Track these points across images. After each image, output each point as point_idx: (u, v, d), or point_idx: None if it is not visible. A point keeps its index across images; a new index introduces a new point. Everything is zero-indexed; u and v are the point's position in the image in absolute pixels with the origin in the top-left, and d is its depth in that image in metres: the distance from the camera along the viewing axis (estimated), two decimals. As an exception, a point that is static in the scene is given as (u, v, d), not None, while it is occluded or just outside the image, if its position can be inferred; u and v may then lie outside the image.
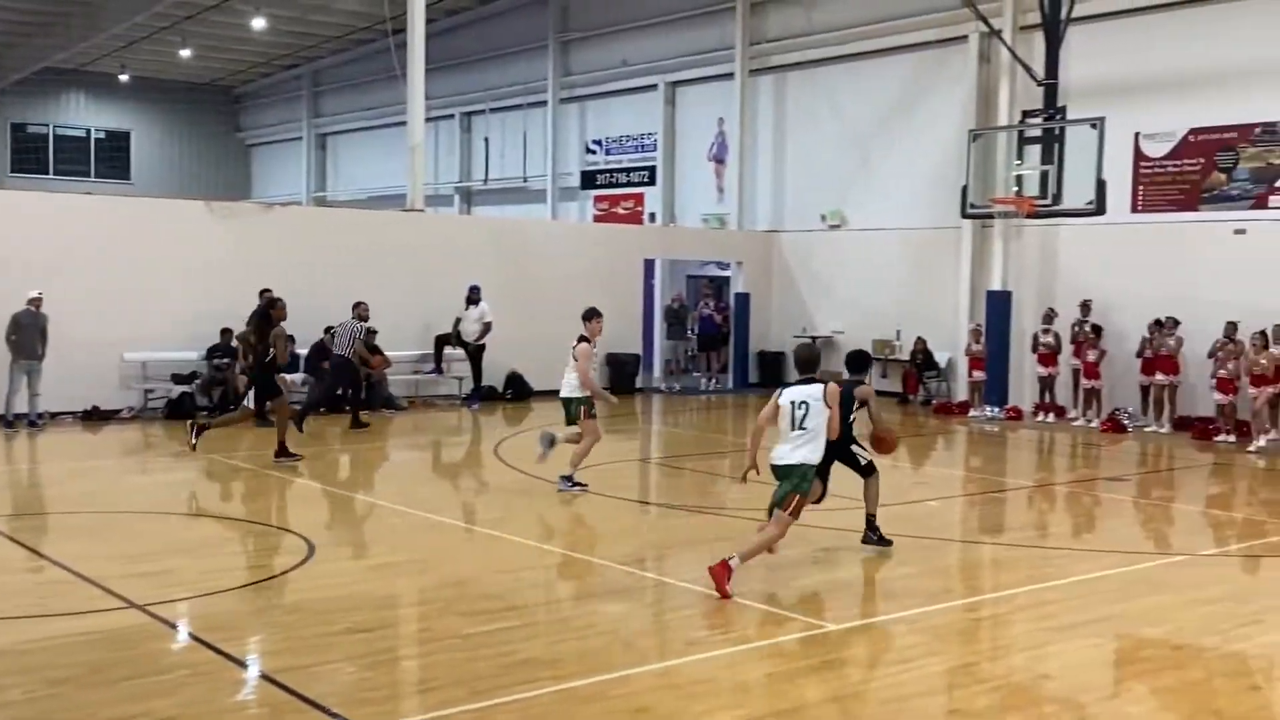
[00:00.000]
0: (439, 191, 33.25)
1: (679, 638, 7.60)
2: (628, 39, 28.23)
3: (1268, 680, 7.05)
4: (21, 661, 6.68)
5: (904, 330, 22.58)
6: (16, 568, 9.15)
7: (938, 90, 22.13)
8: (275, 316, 14.18)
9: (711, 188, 26.82)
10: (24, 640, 7.06)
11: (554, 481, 12.52)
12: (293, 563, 9.02)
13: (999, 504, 13.10)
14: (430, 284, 20.44)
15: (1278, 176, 17.88)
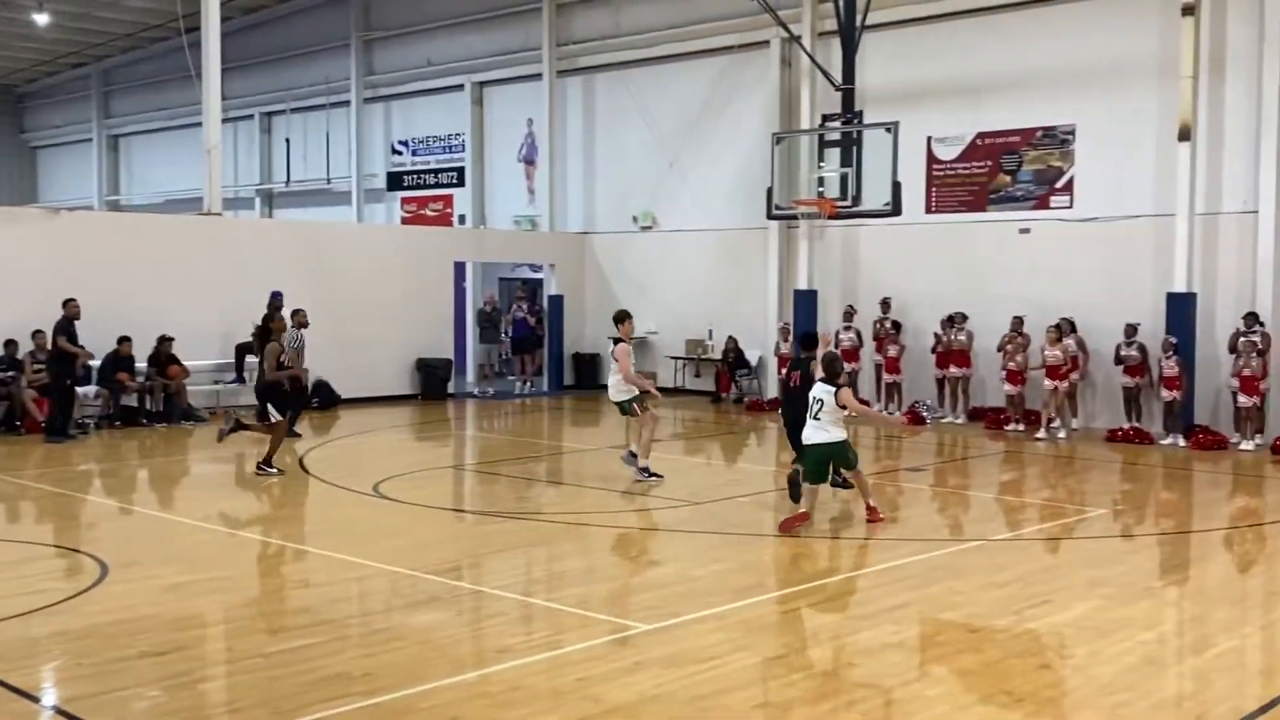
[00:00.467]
0: (239, 194, 32.24)
1: (491, 645, 7.54)
2: (433, 38, 27.90)
3: (1057, 658, 7.41)
4: None
5: (715, 330, 22.98)
6: None
7: (742, 94, 22.59)
8: (274, 329, 14.08)
9: (522, 189, 26.75)
10: None
11: (361, 491, 12.24)
12: (83, 585, 8.57)
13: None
14: (231, 290, 19.75)
15: (1058, 178, 18.89)
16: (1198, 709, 6.44)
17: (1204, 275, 17.51)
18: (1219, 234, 17.46)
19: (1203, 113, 17.35)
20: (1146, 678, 6.89)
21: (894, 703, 6.50)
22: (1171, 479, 14.85)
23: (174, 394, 18.54)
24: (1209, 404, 17.44)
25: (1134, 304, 17.77)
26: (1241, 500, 13.54)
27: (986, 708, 6.35)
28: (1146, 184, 17.99)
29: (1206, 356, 17.32)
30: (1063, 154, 18.82)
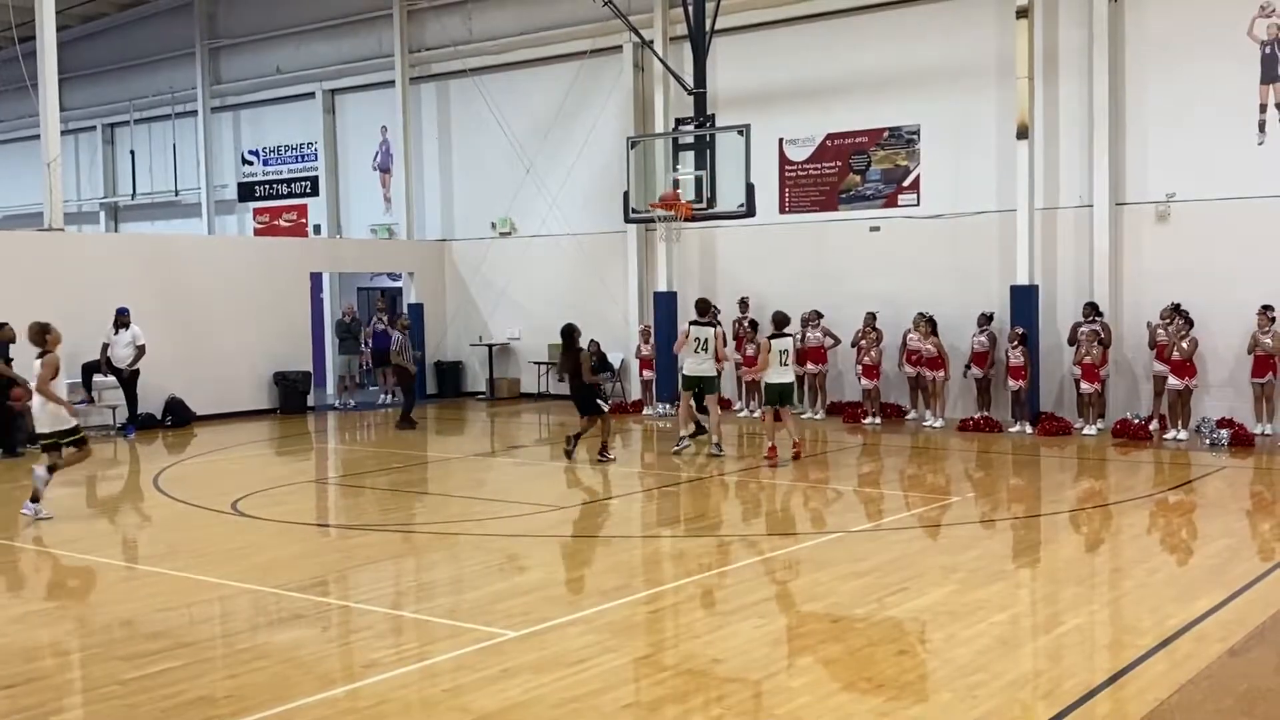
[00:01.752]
0: (82, 209, 31.13)
1: (358, 660, 7.45)
2: (282, 45, 27.36)
3: (915, 643, 7.65)
4: None
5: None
6: None
7: (597, 98, 22.70)
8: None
9: (378, 198, 26.43)
10: None
11: (220, 509, 11.94)
12: (-77, 622, 8.19)
13: (674, 498, 13.57)
14: (75, 308, 18.97)
15: (904, 176, 19.46)
16: (1049, 685, 6.72)
17: (1044, 268, 18.24)
18: (1057, 228, 18.22)
19: (1039, 112, 18.09)
20: (1000, 658, 7.16)
21: (760, 695, 6.63)
22: (1020, 465, 15.43)
23: (16, 416, 17.77)
24: (1053, 392, 18.18)
25: (981, 297, 18.43)
26: (1086, 483, 14.15)
27: (848, 695, 6.53)
28: (989, 181, 18.67)
29: (1050, 346, 18.07)
30: (909, 153, 19.41)
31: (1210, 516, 11.78)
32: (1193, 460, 15.03)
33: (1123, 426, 16.76)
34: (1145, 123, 17.48)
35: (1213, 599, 8.35)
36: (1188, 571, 9.65)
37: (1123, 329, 17.55)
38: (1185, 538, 11.15)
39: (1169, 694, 6.42)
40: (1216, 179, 16.91)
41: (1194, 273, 16.93)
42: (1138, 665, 6.96)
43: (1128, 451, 15.83)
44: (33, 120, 22.60)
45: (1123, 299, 17.66)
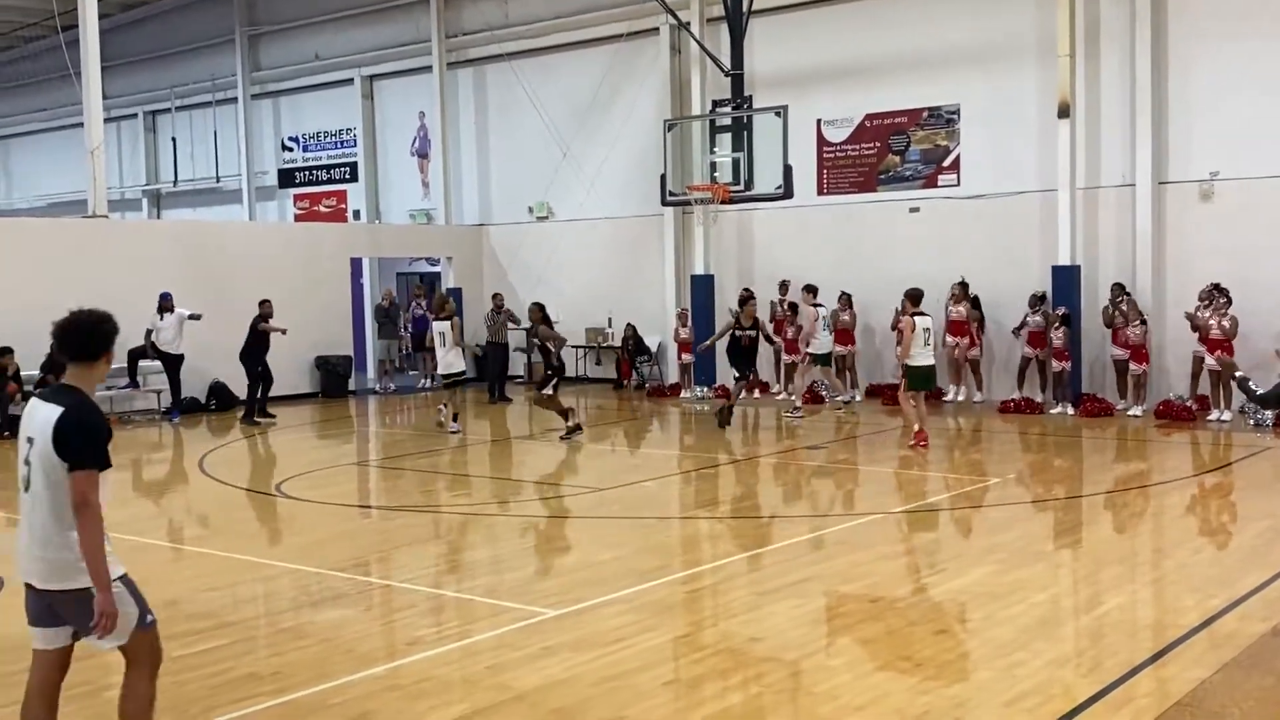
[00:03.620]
0: (125, 196, 31.48)
1: (401, 638, 7.54)
2: (320, 32, 27.51)
3: (954, 623, 7.65)
4: None
5: (615, 317, 23.07)
6: None
7: (633, 81, 22.67)
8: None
9: (416, 183, 26.55)
10: None
11: (264, 491, 12.06)
12: (-24, 601, 8.36)
13: (711, 480, 13.60)
14: (119, 294, 19.08)
15: (944, 157, 19.32)
16: (1090, 664, 6.70)
17: (1086, 248, 18.07)
18: (1099, 208, 18.04)
19: (1080, 90, 17.89)
20: (1040, 637, 7.14)
21: (798, 674, 6.66)
22: (1062, 446, 15.33)
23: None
24: (1095, 373, 18.02)
25: (1022, 278, 18.28)
26: (1128, 464, 14.05)
27: (887, 674, 6.55)
28: (1029, 160, 18.50)
29: (1091, 327, 17.91)
30: (948, 133, 19.26)
31: (1253, 497, 11.67)
32: (1236, 441, 14.88)
33: (1165, 408, 16.60)
34: (1189, 100, 17.26)
35: (1256, 579, 8.28)
36: (1230, 552, 9.58)
37: (1166, 309, 17.36)
38: (1228, 518, 11.06)
39: (1210, 673, 6.39)
40: (1261, 157, 16.67)
41: (1237, 252, 16.71)
42: (1179, 645, 6.92)
43: (1170, 433, 15.69)
44: (76, 108, 22.88)
45: (1166, 279, 17.46)
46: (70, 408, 4.73)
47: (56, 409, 4.73)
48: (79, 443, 4.69)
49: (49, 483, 4.73)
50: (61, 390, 4.84)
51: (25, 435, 4.81)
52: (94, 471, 4.71)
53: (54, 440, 4.67)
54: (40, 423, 4.74)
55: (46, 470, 4.72)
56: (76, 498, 4.67)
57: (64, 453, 4.68)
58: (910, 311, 14.46)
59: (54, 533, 4.74)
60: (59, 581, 4.79)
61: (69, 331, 4.85)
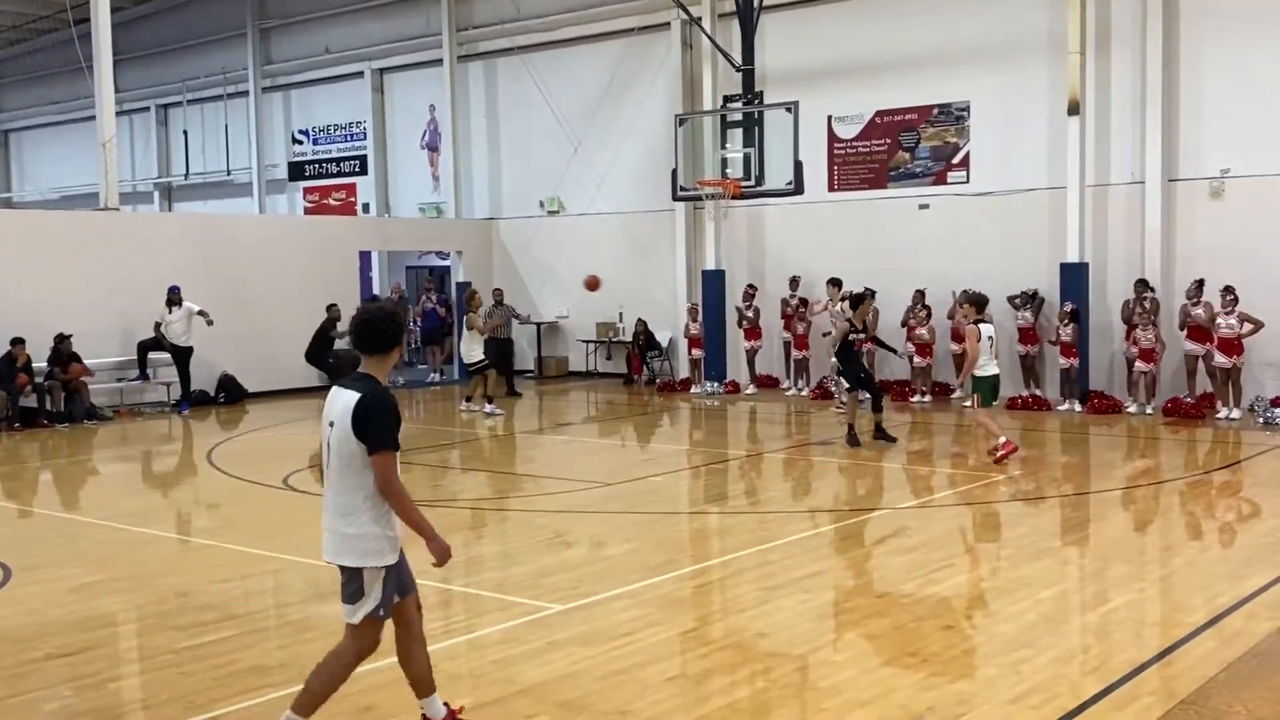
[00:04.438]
0: (137, 188, 31.56)
1: (407, 631, 7.54)
2: (331, 25, 27.54)
3: (960, 619, 7.64)
4: None
5: (625, 312, 23.07)
6: None
7: (645, 76, 22.66)
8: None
9: (426, 177, 26.57)
10: None
11: (271, 484, 12.12)
12: (-14, 591, 8.41)
13: (721, 474, 13.60)
14: (131, 287, 19.37)
15: (954, 154, 19.28)
16: (1096, 661, 6.69)
17: (1095, 245, 18.02)
18: (1109, 205, 17.99)
19: (1090, 87, 17.84)
20: (1046, 634, 7.14)
21: (804, 669, 6.66)
22: (1069, 443, 15.30)
23: (75, 393, 18.16)
24: (1103, 370, 17.98)
25: (1030, 275, 18.25)
26: (1136, 461, 14.01)
27: (893, 669, 6.54)
28: (1039, 157, 18.45)
29: (1099, 324, 17.86)
30: (958, 130, 19.22)
31: (1262, 495, 11.64)
32: (1245, 440, 14.83)
33: (1174, 405, 16.56)
34: (1199, 97, 17.20)
35: (1263, 577, 8.26)
36: (1238, 550, 9.55)
37: (1174, 307, 17.30)
38: (1235, 516, 11.03)
39: (1217, 671, 6.38)
40: (1272, 155, 16.61)
41: (1248, 250, 16.66)
42: (1186, 642, 6.91)
43: (1179, 430, 15.65)
44: (88, 101, 22.95)
45: (1175, 277, 17.41)
46: (367, 394, 5.10)
47: (355, 395, 5.11)
48: (375, 426, 5.08)
49: (345, 464, 5.14)
50: (360, 378, 5.19)
51: (326, 420, 5.21)
52: (393, 453, 5.11)
53: (353, 424, 5.06)
54: (340, 408, 5.12)
55: (343, 453, 5.13)
56: (380, 480, 5.10)
57: (362, 436, 5.07)
58: (974, 319, 13.27)
59: (344, 511, 5.16)
60: (338, 557, 5.25)
61: (365, 326, 5.22)
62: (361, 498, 5.13)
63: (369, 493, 5.13)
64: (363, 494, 5.13)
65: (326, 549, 5.30)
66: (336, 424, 5.14)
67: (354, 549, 5.20)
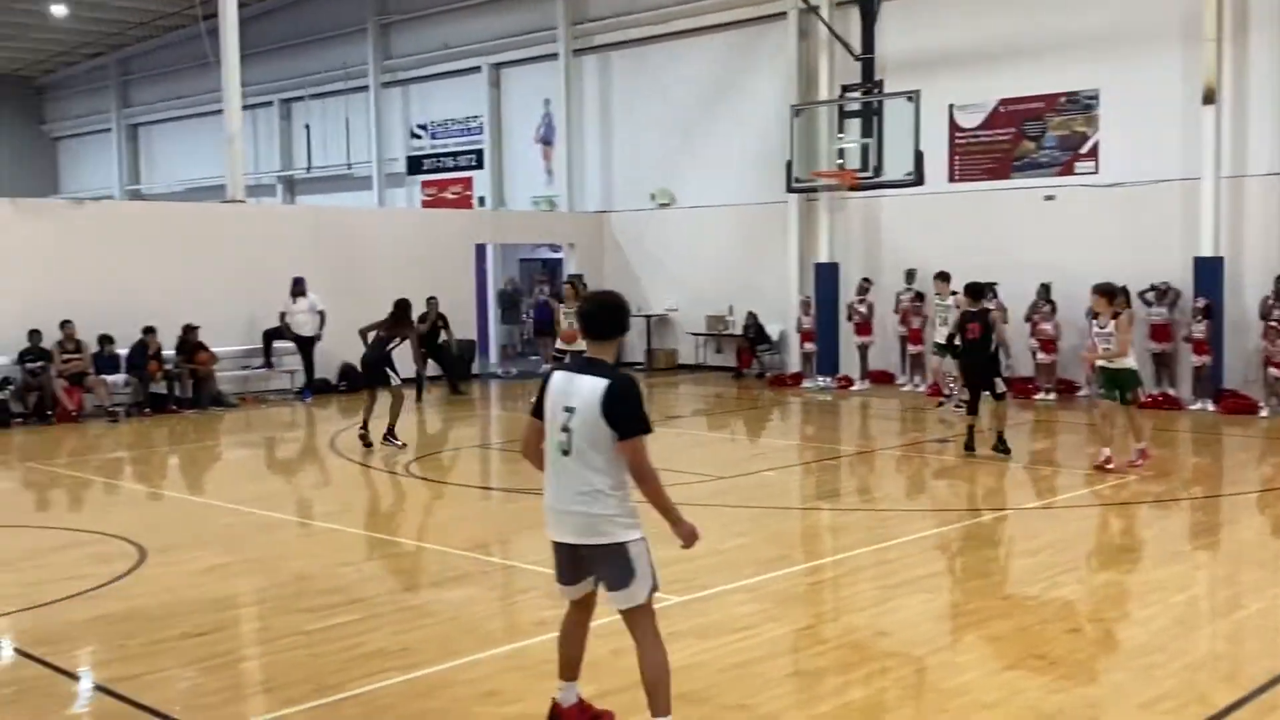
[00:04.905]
0: (260, 181, 32.34)
1: (526, 619, 7.61)
2: (449, 20, 27.89)
3: (1088, 622, 7.43)
4: None
5: (736, 305, 22.96)
6: None
7: (759, 66, 22.49)
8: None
9: (540, 170, 26.76)
10: None
11: (393, 471, 12.32)
12: (122, 569, 8.69)
13: (834, 470, 13.46)
14: (255, 277, 19.87)
15: (1082, 143, 18.77)
16: (1230, 668, 6.47)
17: (1231, 239, 17.39)
18: (1245, 197, 17.33)
19: (1227, 75, 17.19)
20: (1178, 639, 6.91)
21: (925, 670, 6.55)
22: (1202, 444, 14.80)
23: (202, 380, 18.71)
24: (1238, 369, 17.33)
25: (1161, 269, 17.67)
26: (1272, 463, 13.49)
27: (1018, 672, 6.39)
28: (1172, 147, 17.83)
29: (1235, 321, 17.22)
30: (1087, 119, 18.70)
31: None
32: (1390, 442, 14.20)
33: (1312, 406, 15.91)
34: (1343, 84, 16.48)
35: None
36: (1385, 558, 9.13)
37: (1314, 303, 16.61)
38: (1382, 523, 10.56)
39: (1364, 683, 6.11)
40: None
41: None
42: (1330, 653, 6.63)
43: (1318, 432, 15.04)
44: (214, 96, 23.58)
45: (1315, 272, 16.73)
46: (616, 380, 5.15)
47: (601, 380, 5.15)
48: (628, 412, 5.13)
49: (590, 447, 5.15)
50: (593, 363, 5.26)
51: (562, 404, 5.20)
52: (644, 437, 5.17)
53: (603, 410, 5.09)
54: (585, 393, 5.14)
55: (591, 437, 5.14)
56: (634, 464, 5.17)
57: (614, 421, 5.11)
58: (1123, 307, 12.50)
59: (595, 493, 5.18)
60: (593, 537, 5.25)
61: (599, 312, 5.33)
62: (607, 480, 5.18)
63: (613, 474, 5.18)
64: (607, 476, 5.18)
65: (567, 530, 5.31)
66: (580, 408, 5.14)
67: (612, 526, 5.22)
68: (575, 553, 5.35)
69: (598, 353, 5.31)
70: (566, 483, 5.26)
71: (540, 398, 5.36)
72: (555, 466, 5.30)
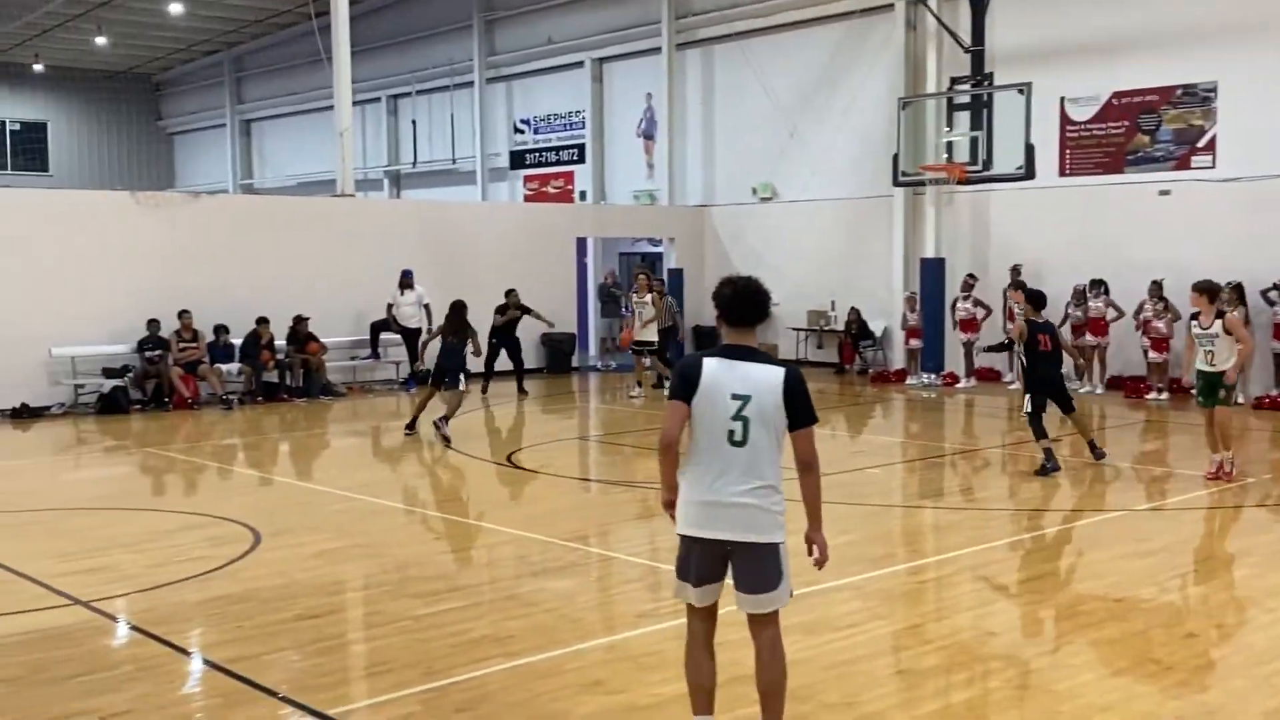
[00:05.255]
0: (368, 176, 32.92)
1: (628, 611, 7.65)
2: (553, 16, 28.08)
3: (1206, 627, 7.23)
4: (-40, 663, 6.55)
5: (838, 300, 22.77)
6: (-49, 569, 8.97)
7: (865, 59, 22.25)
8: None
9: (641, 164, 26.81)
10: (-38, 642, 6.92)
11: (495, 461, 12.45)
12: (237, 552, 8.93)
13: (938, 469, 13.28)
14: (362, 269, 20.26)
15: (1199, 137, 18.24)
16: (1359, 680, 6.24)
17: (1357, 235, 16.76)
18: (1372, 192, 16.70)
19: (1354, 65, 16.58)
20: (1302, 647, 6.69)
21: (1036, 671, 6.42)
22: (1322, 447, 14.31)
23: (314, 370, 19.13)
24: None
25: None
26: (1399, 469, 12.98)
27: (1133, 676, 6.24)
28: (1294, 141, 17.25)
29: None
30: (1204, 112, 18.16)
31: None
32: None
33: None
34: None
35: None
36: None
37: None
38: None
39: None
40: None
41: None
42: None
43: None
44: (324, 92, 24.04)
45: None
46: (790, 369, 5.02)
47: (777, 369, 4.99)
48: (806, 401, 5.00)
49: (768, 438, 4.97)
50: (753, 351, 5.03)
51: (730, 392, 4.93)
52: (813, 428, 5.04)
53: (785, 400, 4.93)
54: (760, 382, 4.94)
55: (768, 427, 4.96)
56: (809, 453, 5.03)
57: (792, 410, 4.96)
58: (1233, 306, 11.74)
59: (767, 487, 4.99)
60: (754, 533, 5.01)
61: (755, 297, 5.08)
62: (776, 473, 5.00)
63: (778, 468, 5.01)
64: (777, 469, 5.00)
65: (726, 525, 5.00)
66: (756, 398, 4.92)
67: (775, 524, 5.04)
68: (721, 550, 5.04)
69: (745, 340, 5.06)
70: (736, 475, 4.96)
71: (688, 384, 4.98)
72: (720, 457, 4.97)
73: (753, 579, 5.06)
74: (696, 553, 5.08)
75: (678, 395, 5.02)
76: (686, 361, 5.11)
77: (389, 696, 5.98)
